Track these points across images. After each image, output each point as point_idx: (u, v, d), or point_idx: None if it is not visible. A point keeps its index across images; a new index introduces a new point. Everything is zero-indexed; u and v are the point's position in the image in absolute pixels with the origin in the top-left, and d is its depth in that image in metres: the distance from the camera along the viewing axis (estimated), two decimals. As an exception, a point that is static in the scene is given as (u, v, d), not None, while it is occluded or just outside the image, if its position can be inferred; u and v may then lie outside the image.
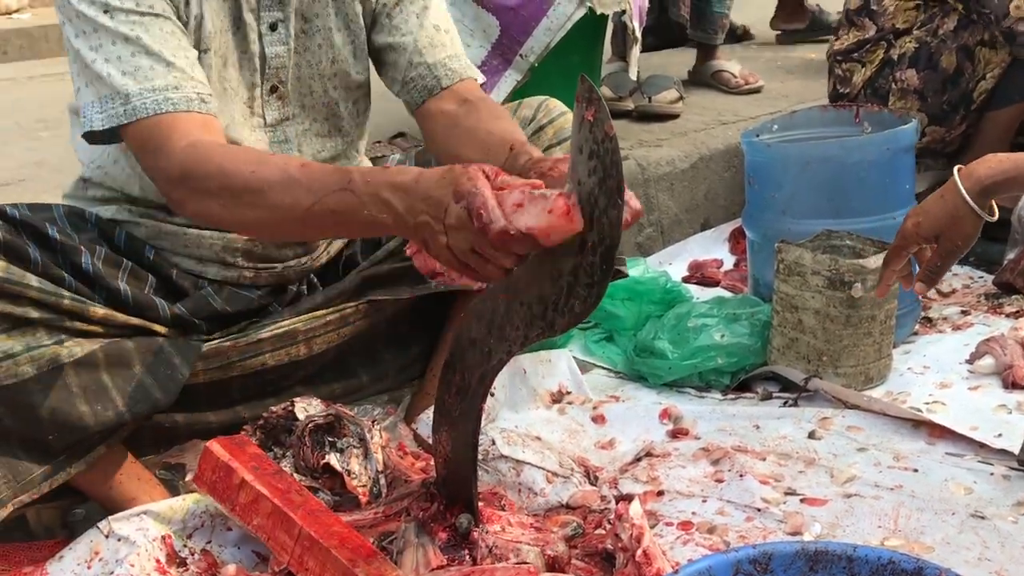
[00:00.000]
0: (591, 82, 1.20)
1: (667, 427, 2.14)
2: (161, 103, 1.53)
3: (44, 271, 1.60)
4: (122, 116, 1.53)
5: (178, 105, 1.53)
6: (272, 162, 1.48)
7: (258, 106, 1.75)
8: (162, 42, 1.55)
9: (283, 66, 1.74)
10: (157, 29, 1.55)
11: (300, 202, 1.43)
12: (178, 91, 1.54)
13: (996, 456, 1.92)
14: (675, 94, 3.46)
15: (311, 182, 1.43)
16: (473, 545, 1.55)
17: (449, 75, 1.79)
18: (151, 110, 1.52)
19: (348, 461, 1.69)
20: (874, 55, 2.99)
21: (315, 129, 1.83)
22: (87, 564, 1.60)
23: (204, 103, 1.56)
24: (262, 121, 1.76)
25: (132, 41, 1.53)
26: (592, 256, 1.24)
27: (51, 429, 1.57)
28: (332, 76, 1.81)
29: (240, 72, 1.71)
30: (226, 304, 1.79)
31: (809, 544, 1.39)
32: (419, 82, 1.80)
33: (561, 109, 1.89)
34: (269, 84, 1.74)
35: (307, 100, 1.80)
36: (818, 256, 2.22)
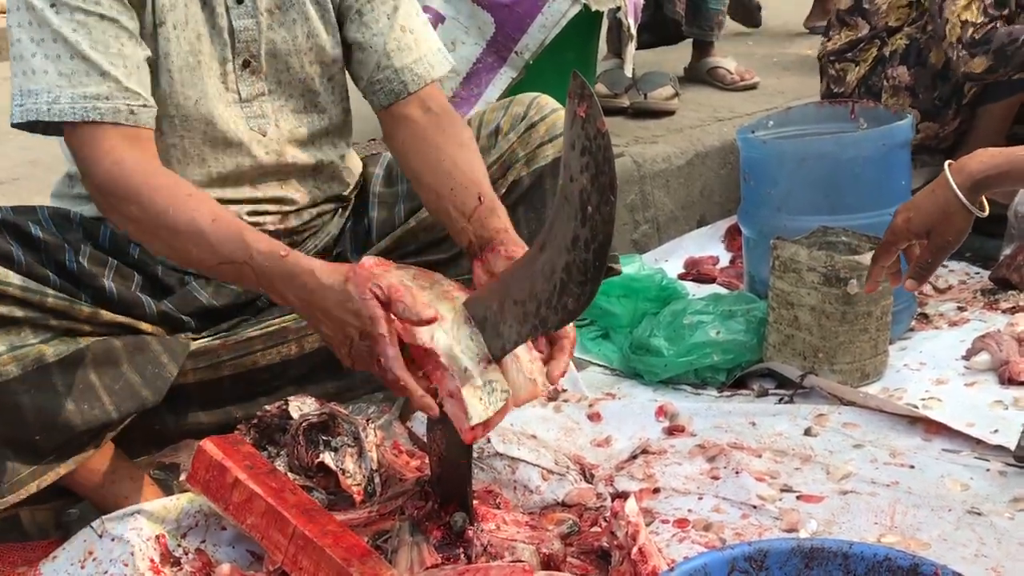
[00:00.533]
0: (583, 78, 1.20)
1: (663, 424, 2.14)
2: (89, 111, 1.54)
3: (28, 270, 1.59)
4: (45, 113, 1.54)
5: (104, 116, 1.55)
6: (186, 207, 1.52)
7: (232, 81, 1.74)
8: (103, 48, 1.56)
9: (253, 40, 1.73)
10: (100, 32, 1.56)
11: (204, 259, 1.51)
12: (107, 101, 1.55)
13: (992, 452, 1.92)
14: (671, 91, 3.45)
15: (217, 243, 1.49)
16: (468, 543, 1.54)
17: (415, 80, 1.79)
18: (79, 116, 1.54)
19: (342, 460, 1.68)
20: (868, 54, 2.99)
21: (291, 105, 1.81)
22: (81, 564, 1.60)
23: (133, 114, 1.58)
24: (237, 96, 1.75)
25: (71, 44, 1.54)
26: (585, 253, 1.24)
27: (38, 429, 1.56)
28: (308, 51, 1.79)
29: (212, 46, 1.70)
30: (213, 298, 1.79)
31: (805, 541, 1.38)
32: (385, 85, 1.80)
33: (553, 105, 1.88)
34: (241, 59, 1.73)
35: (283, 76, 1.79)
36: (814, 253, 2.22)
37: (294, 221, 1.86)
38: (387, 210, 1.96)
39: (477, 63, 2.81)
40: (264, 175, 1.81)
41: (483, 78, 2.83)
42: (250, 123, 1.77)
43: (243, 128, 1.76)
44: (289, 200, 1.84)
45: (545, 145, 1.85)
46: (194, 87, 1.69)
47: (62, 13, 1.54)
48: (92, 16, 1.55)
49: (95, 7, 1.55)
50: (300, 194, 1.86)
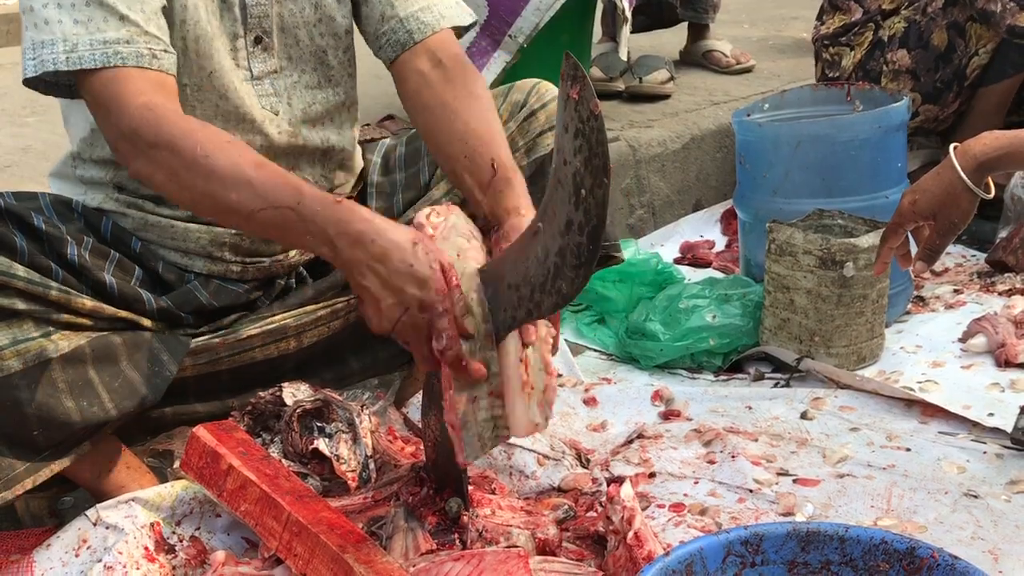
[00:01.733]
0: (576, 59, 1.18)
1: (659, 409, 2.13)
2: (111, 56, 1.48)
3: (31, 261, 1.57)
4: (63, 63, 1.48)
5: (127, 60, 1.49)
6: (227, 152, 1.45)
7: (243, 58, 1.70)
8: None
9: (265, 15, 1.69)
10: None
11: (245, 203, 1.42)
12: (129, 45, 1.49)
13: (989, 435, 1.92)
14: (666, 74, 3.44)
15: (262, 187, 1.42)
16: (463, 529, 1.54)
17: (421, 28, 1.73)
18: (99, 62, 1.48)
19: (337, 446, 1.67)
20: (863, 38, 2.97)
21: (304, 81, 1.78)
22: (75, 552, 1.59)
23: (156, 59, 1.52)
24: (249, 74, 1.71)
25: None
26: (579, 236, 1.23)
27: (36, 425, 1.55)
28: (317, 23, 1.76)
29: (221, 22, 1.66)
30: (212, 298, 1.77)
31: (801, 525, 1.38)
32: (391, 36, 1.75)
33: (554, 93, 1.85)
34: (253, 35, 1.69)
35: (294, 51, 1.75)
36: (809, 236, 2.21)
37: None
38: (385, 200, 1.94)
39: (471, 47, 2.80)
40: (275, 156, 1.76)
41: (477, 62, 2.81)
42: (262, 101, 1.73)
43: (255, 106, 1.72)
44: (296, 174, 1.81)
45: (546, 133, 1.82)
46: (209, 59, 1.65)
47: None
48: None
49: None
50: (309, 170, 1.83)
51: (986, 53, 2.80)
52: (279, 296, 1.87)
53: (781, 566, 1.37)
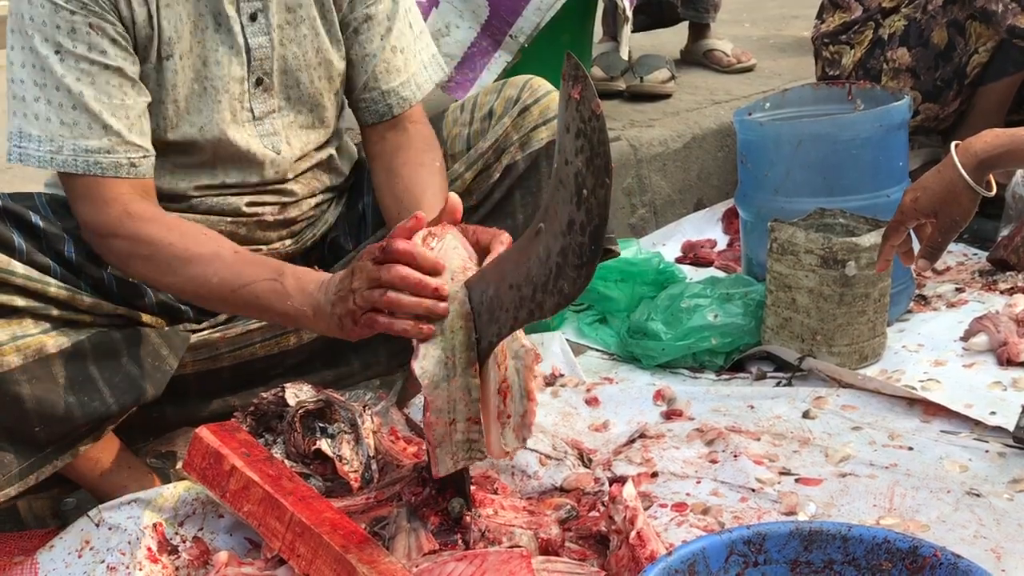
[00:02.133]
0: (577, 60, 1.18)
1: (661, 408, 2.13)
2: (91, 165, 1.57)
3: (30, 259, 1.58)
4: (49, 163, 1.57)
5: (107, 171, 1.57)
6: (204, 243, 1.57)
7: (246, 100, 1.73)
8: (106, 98, 1.57)
9: (267, 57, 1.71)
10: (104, 82, 1.56)
11: (227, 283, 1.54)
12: (109, 155, 1.57)
13: (991, 433, 1.91)
14: (667, 74, 3.44)
15: (242, 268, 1.54)
16: (465, 529, 1.54)
17: (400, 103, 1.83)
18: (80, 169, 1.57)
19: (339, 446, 1.67)
20: (863, 36, 2.97)
21: (299, 121, 1.80)
22: (78, 553, 1.60)
23: (134, 167, 1.60)
24: (251, 115, 1.74)
25: (75, 95, 1.55)
26: (581, 236, 1.23)
27: (37, 421, 1.56)
28: (318, 66, 1.78)
29: (230, 67, 1.69)
30: None
31: (804, 524, 1.38)
32: (372, 106, 1.83)
33: (547, 88, 1.87)
34: (255, 76, 1.72)
35: (292, 92, 1.78)
36: (811, 235, 2.21)
37: (293, 212, 1.85)
38: None
39: (472, 47, 2.80)
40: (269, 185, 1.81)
41: (478, 62, 2.81)
42: (264, 141, 1.77)
43: (256, 146, 1.75)
44: (289, 192, 1.83)
45: (539, 128, 1.84)
46: (200, 113, 1.69)
47: (67, 61, 1.54)
48: (96, 65, 1.56)
49: (100, 56, 1.56)
50: (300, 186, 1.85)
51: (986, 51, 2.79)
52: None
53: (784, 565, 1.37)
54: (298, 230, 1.88)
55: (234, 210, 1.77)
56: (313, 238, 1.91)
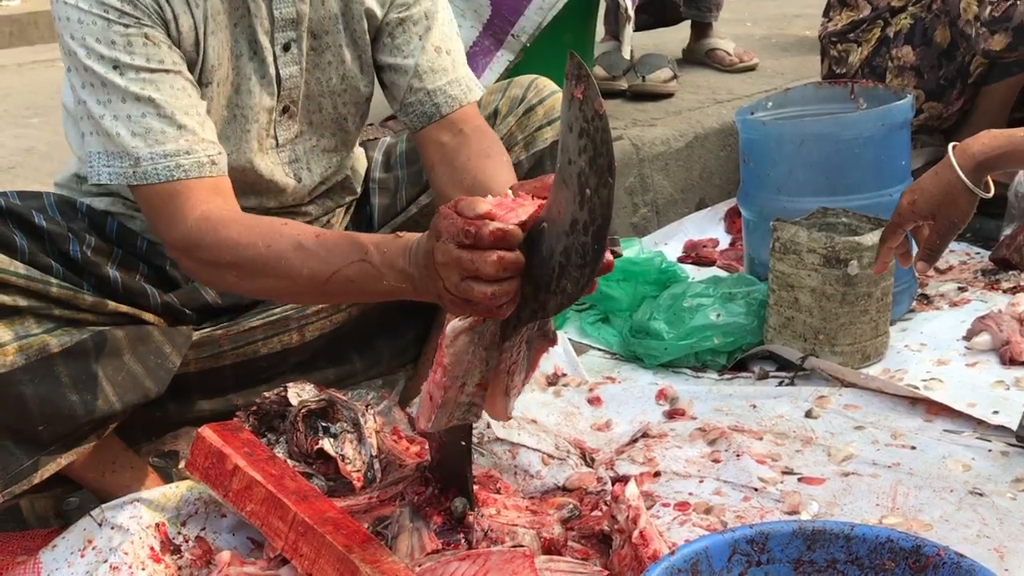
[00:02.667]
0: (580, 59, 1.18)
1: (663, 408, 2.13)
2: (173, 170, 1.51)
3: (32, 259, 1.58)
4: (131, 177, 1.51)
5: (190, 172, 1.51)
6: (286, 234, 1.46)
7: (272, 127, 1.72)
8: (174, 101, 1.52)
9: (296, 87, 1.71)
10: (168, 86, 1.52)
11: (318, 273, 1.42)
12: (189, 156, 1.52)
13: (994, 432, 1.91)
14: (669, 73, 3.44)
15: (328, 254, 1.42)
16: (468, 529, 1.54)
17: (449, 103, 1.75)
18: (163, 176, 1.51)
19: (342, 446, 1.68)
20: (870, 34, 2.97)
21: (323, 145, 1.80)
22: (80, 553, 1.59)
23: (215, 165, 1.54)
24: (275, 142, 1.73)
25: (144, 101, 1.50)
26: (584, 236, 1.23)
27: (41, 420, 1.56)
28: (342, 92, 1.76)
29: (260, 97, 1.67)
30: (218, 298, 1.78)
31: (807, 523, 1.38)
32: (418, 108, 1.76)
33: (552, 88, 1.87)
34: (282, 105, 1.71)
35: (315, 117, 1.77)
36: (814, 234, 2.21)
37: None
38: (388, 196, 1.95)
39: (474, 46, 2.79)
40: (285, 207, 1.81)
41: (480, 62, 2.81)
42: (286, 169, 1.76)
43: (279, 175, 1.75)
44: (304, 212, 1.85)
45: (544, 128, 1.84)
46: (227, 141, 1.67)
47: (127, 74, 1.50)
48: (157, 72, 1.52)
49: (159, 64, 1.52)
50: (315, 207, 1.87)
51: None
52: None
53: (787, 565, 1.37)
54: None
55: None
56: None
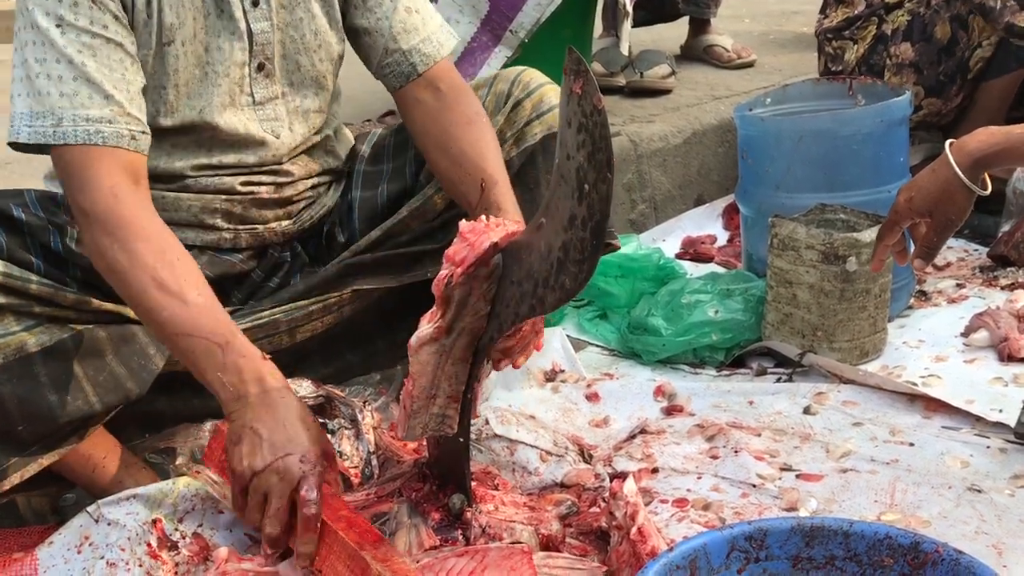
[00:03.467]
0: (579, 54, 1.18)
1: (661, 404, 2.13)
2: (92, 135, 1.53)
3: (11, 256, 1.58)
4: (50, 137, 1.53)
5: (107, 140, 1.54)
6: (177, 270, 1.51)
7: (247, 84, 1.74)
8: (107, 71, 1.56)
9: (268, 42, 1.72)
10: (105, 56, 1.56)
11: (174, 324, 1.48)
12: (111, 125, 1.55)
13: (992, 429, 1.91)
14: (667, 69, 3.43)
15: (198, 315, 1.48)
16: (466, 525, 1.54)
17: (424, 60, 1.81)
18: (81, 138, 1.53)
19: (339, 442, 1.67)
20: (866, 31, 2.96)
21: (306, 106, 1.81)
22: (77, 549, 1.59)
23: (135, 140, 1.57)
24: (251, 100, 1.75)
25: (76, 66, 1.53)
26: (582, 231, 1.23)
27: (19, 420, 1.55)
28: (317, 48, 1.79)
29: (231, 53, 1.69)
30: (206, 269, 1.77)
31: (805, 520, 1.38)
32: (395, 68, 1.82)
33: (539, 80, 1.86)
34: (256, 61, 1.73)
35: (295, 77, 1.78)
36: (812, 230, 2.21)
37: (289, 191, 1.85)
38: (370, 189, 1.94)
39: (472, 42, 2.79)
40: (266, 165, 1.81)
41: (478, 57, 2.81)
42: (264, 125, 1.77)
43: (256, 130, 1.76)
44: (285, 172, 1.83)
45: (532, 123, 1.83)
46: (199, 97, 1.70)
47: (68, 34, 1.53)
48: (98, 39, 1.55)
49: (102, 30, 1.55)
50: (296, 167, 1.85)
51: (989, 46, 2.78)
52: (272, 270, 1.86)
53: (785, 561, 1.36)
54: (295, 210, 1.87)
55: (229, 189, 1.77)
56: (311, 220, 1.90)
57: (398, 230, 1.88)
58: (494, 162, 1.70)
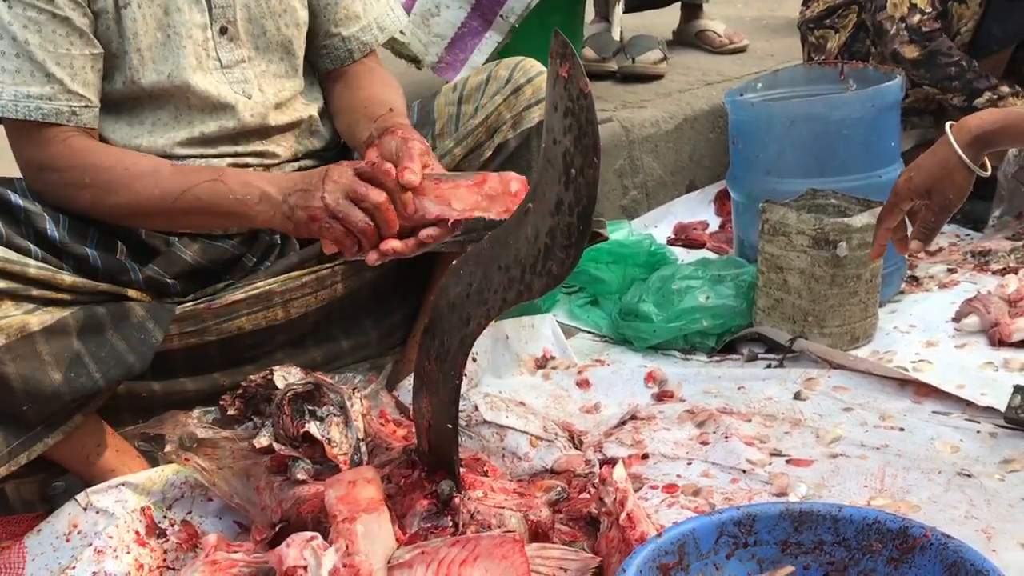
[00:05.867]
0: (565, 37, 1.17)
1: (652, 390, 2.13)
2: (32, 111, 1.61)
3: (8, 241, 1.58)
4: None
5: (47, 116, 1.61)
6: (146, 160, 1.66)
7: (211, 48, 1.76)
8: (51, 48, 1.60)
9: (228, 5, 1.75)
10: (50, 31, 1.60)
11: (169, 192, 1.61)
12: (51, 102, 1.61)
13: (982, 414, 1.91)
14: (659, 54, 3.42)
15: (183, 175, 1.63)
16: (455, 511, 1.53)
17: (361, 48, 1.91)
18: (21, 114, 1.60)
19: (328, 429, 1.66)
20: (847, 20, 2.96)
21: (272, 70, 1.83)
22: (66, 537, 1.59)
23: (75, 115, 1.64)
24: (218, 63, 1.77)
25: (19, 43, 1.59)
26: (569, 216, 1.22)
27: (25, 400, 1.55)
28: (283, 13, 1.82)
29: (191, 14, 1.72)
30: (198, 256, 1.77)
31: (794, 505, 1.38)
32: (332, 52, 1.90)
33: (539, 68, 1.87)
34: (218, 25, 1.75)
35: (260, 41, 1.81)
36: (803, 216, 2.20)
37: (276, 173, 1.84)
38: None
39: (462, 27, 2.78)
40: (247, 135, 1.82)
41: (468, 43, 2.79)
42: (234, 88, 1.79)
43: (227, 92, 1.78)
44: (271, 154, 1.84)
45: (532, 108, 1.84)
46: (165, 60, 1.71)
47: (14, 8, 1.59)
48: (44, 14, 1.60)
49: (48, 4, 1.60)
50: (282, 148, 1.86)
51: (968, 31, 2.77)
52: (264, 253, 1.86)
53: (774, 546, 1.37)
54: None
55: None
56: None
57: None
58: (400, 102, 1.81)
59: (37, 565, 1.58)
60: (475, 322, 1.44)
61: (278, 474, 1.66)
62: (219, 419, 1.78)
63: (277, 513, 1.59)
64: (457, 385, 1.51)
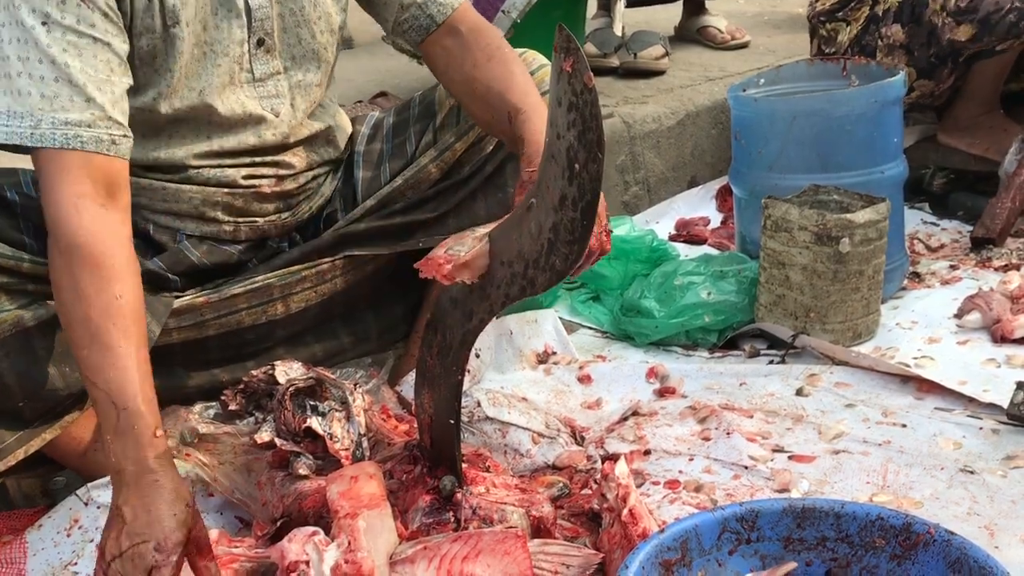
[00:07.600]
0: (569, 32, 1.17)
1: (654, 386, 2.12)
2: (71, 138, 1.47)
3: (3, 236, 1.57)
4: (28, 139, 1.47)
5: (86, 144, 1.48)
6: (114, 312, 1.42)
7: (246, 61, 1.72)
8: (92, 73, 1.50)
9: (267, 17, 1.70)
10: (91, 56, 1.50)
11: (89, 366, 1.39)
12: (90, 129, 1.48)
13: (985, 410, 1.91)
14: (661, 50, 3.41)
15: (108, 369, 1.39)
16: (457, 507, 1.53)
17: (442, 11, 1.77)
18: (59, 142, 1.47)
19: (330, 424, 1.66)
20: (859, 13, 2.95)
21: (308, 80, 1.80)
22: (67, 532, 1.59)
23: (115, 144, 1.50)
24: (251, 76, 1.73)
25: (59, 67, 1.47)
26: (572, 212, 1.22)
27: (21, 395, 1.55)
28: (318, 20, 1.77)
29: (230, 30, 1.68)
30: (204, 257, 1.77)
31: (796, 501, 1.38)
32: (414, 23, 1.79)
33: (541, 61, 1.86)
34: (256, 37, 1.71)
35: (296, 50, 1.77)
36: (805, 211, 2.20)
37: (290, 184, 1.84)
38: (372, 169, 1.94)
39: (464, 22, 2.77)
40: (266, 149, 1.80)
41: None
42: (263, 103, 1.75)
43: (255, 107, 1.74)
44: (287, 164, 1.83)
45: None
46: (199, 78, 1.67)
47: (53, 32, 1.47)
48: (85, 38, 1.49)
49: (89, 29, 1.50)
50: (298, 159, 1.85)
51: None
52: (269, 259, 1.86)
53: (777, 542, 1.37)
54: (294, 203, 1.87)
55: (231, 182, 1.77)
56: (309, 211, 1.90)
57: (393, 198, 1.89)
58: (518, 92, 1.66)
59: (38, 560, 1.58)
60: (477, 317, 1.43)
61: (280, 469, 1.66)
62: (220, 414, 1.78)
63: (279, 508, 1.58)
64: (459, 381, 1.51)
